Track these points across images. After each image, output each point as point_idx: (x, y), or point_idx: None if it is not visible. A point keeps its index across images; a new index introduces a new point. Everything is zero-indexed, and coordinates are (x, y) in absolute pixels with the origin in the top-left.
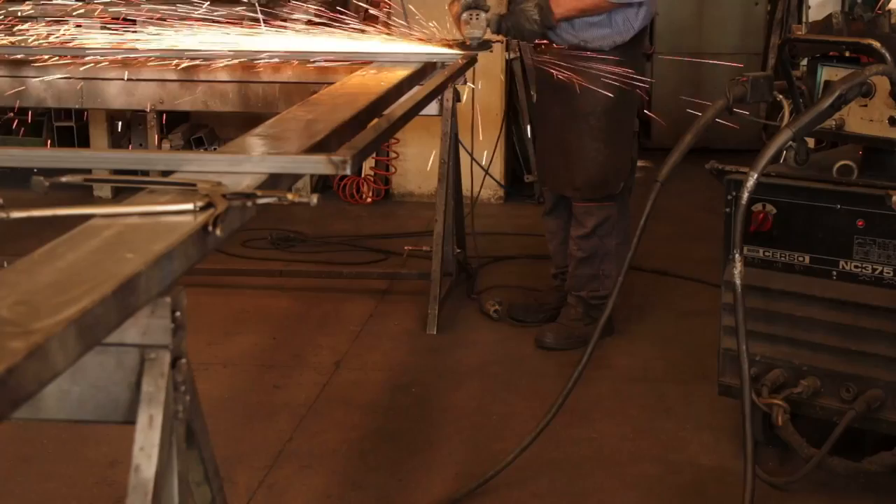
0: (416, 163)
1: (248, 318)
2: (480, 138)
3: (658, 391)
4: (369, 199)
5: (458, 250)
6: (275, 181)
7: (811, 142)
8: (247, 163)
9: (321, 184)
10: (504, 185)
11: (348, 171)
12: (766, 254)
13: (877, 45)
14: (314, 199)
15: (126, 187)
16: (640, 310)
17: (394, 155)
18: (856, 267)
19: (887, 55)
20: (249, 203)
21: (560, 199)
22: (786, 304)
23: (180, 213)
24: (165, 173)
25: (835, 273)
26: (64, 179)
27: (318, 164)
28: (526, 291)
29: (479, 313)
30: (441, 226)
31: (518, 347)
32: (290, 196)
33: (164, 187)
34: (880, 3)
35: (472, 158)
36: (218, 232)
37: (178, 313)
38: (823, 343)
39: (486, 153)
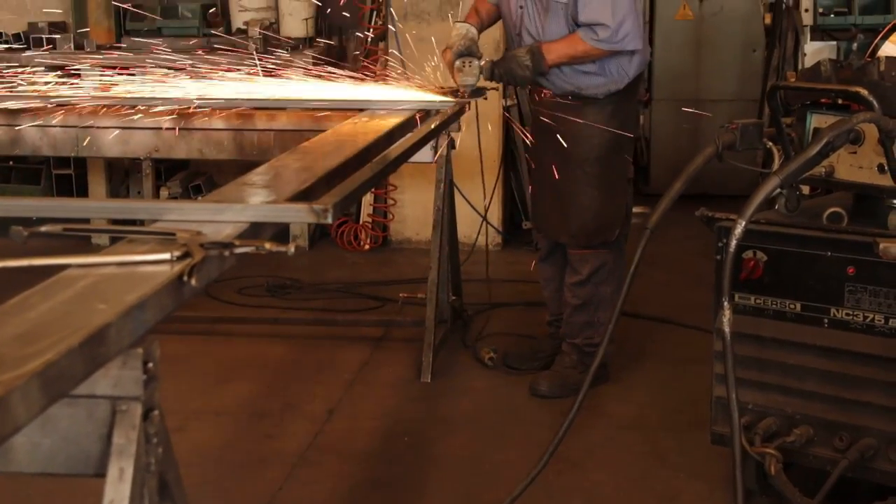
0: (414, 209)
1: (242, 365)
2: (483, 186)
3: (652, 439)
4: (367, 246)
5: (454, 297)
6: (257, 230)
7: (806, 188)
8: (228, 211)
9: (318, 231)
10: (502, 231)
11: (329, 220)
12: (758, 301)
13: (864, 92)
14: (291, 248)
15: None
16: (636, 357)
17: (391, 202)
18: (847, 314)
19: (875, 102)
20: (227, 252)
21: (555, 246)
22: (777, 352)
23: (157, 263)
24: (148, 222)
25: (826, 321)
26: (43, 229)
27: (300, 213)
28: (521, 339)
29: (475, 361)
30: (435, 273)
31: (512, 395)
32: (267, 245)
33: (143, 237)
34: (869, 50)
35: (471, 205)
36: (193, 282)
37: (150, 364)
38: (816, 391)
39: (484, 199)
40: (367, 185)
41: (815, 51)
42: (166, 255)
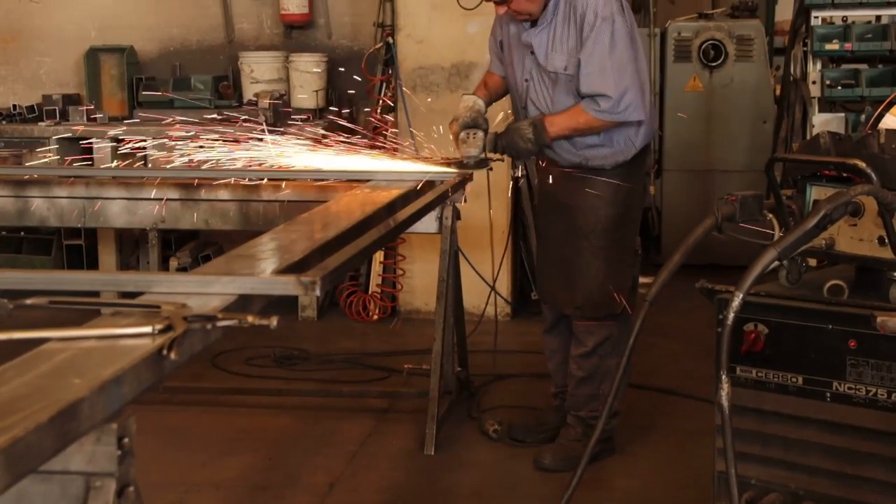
0: (423, 280)
1: (244, 437)
2: (492, 257)
3: None
4: (375, 317)
5: (459, 369)
6: (246, 302)
7: (814, 261)
8: (216, 284)
9: (328, 301)
10: (511, 302)
11: (318, 293)
12: (759, 374)
13: (862, 164)
14: (273, 321)
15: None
16: (643, 429)
17: (400, 272)
18: (849, 388)
19: (873, 175)
20: (209, 326)
21: (560, 317)
22: (780, 427)
23: (137, 337)
24: (135, 294)
25: (829, 394)
26: (29, 302)
27: (288, 285)
28: (526, 411)
29: (479, 433)
30: (440, 344)
31: (516, 468)
32: (250, 319)
33: (128, 309)
34: (870, 122)
35: (480, 276)
36: (173, 356)
37: (126, 439)
38: (819, 466)
39: (492, 269)
40: (360, 258)
41: (823, 122)
42: (148, 329)
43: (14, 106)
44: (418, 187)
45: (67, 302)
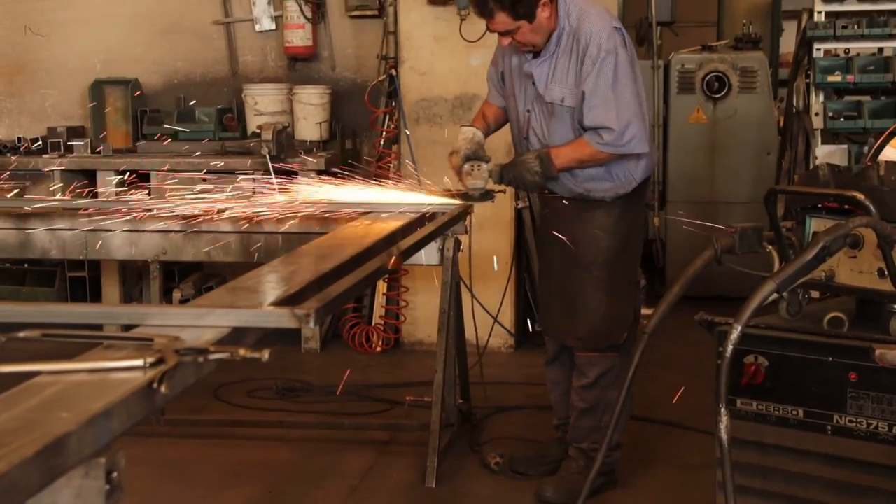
0: (426, 311)
1: (245, 470)
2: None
3: None
4: (379, 348)
5: (461, 401)
6: (239, 335)
7: (816, 293)
8: (209, 316)
9: (331, 332)
10: (515, 333)
11: (311, 325)
12: (760, 407)
13: (860, 196)
14: (265, 354)
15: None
16: (646, 462)
17: (404, 303)
18: (850, 421)
19: (871, 207)
20: (201, 359)
21: (563, 349)
22: (781, 460)
23: (128, 370)
24: (126, 327)
25: (829, 427)
26: (22, 335)
27: (282, 318)
28: (528, 443)
29: (481, 465)
30: (441, 376)
31: (518, 501)
32: (241, 352)
33: (121, 342)
34: (870, 154)
35: (483, 307)
36: (163, 389)
37: (114, 474)
38: (820, 500)
39: (495, 301)
40: (356, 289)
41: (826, 154)
42: (139, 362)
43: (18, 138)
44: (428, 215)
45: (60, 335)
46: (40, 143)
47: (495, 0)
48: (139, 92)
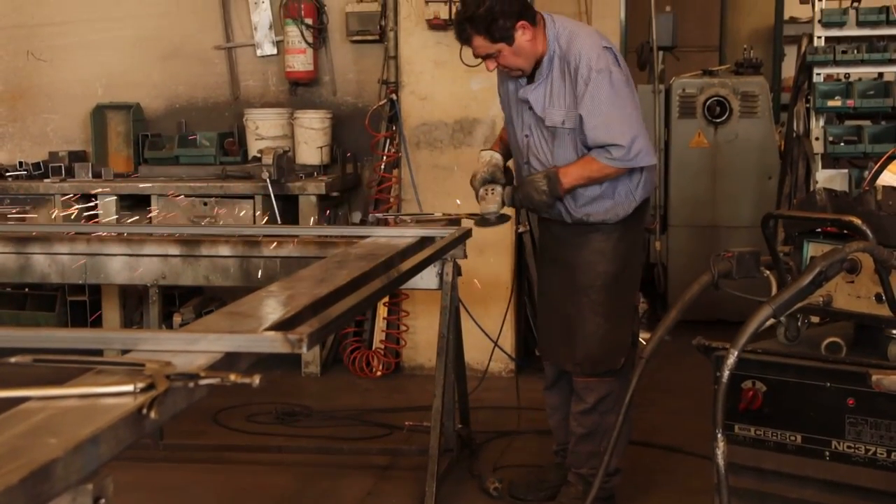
0: (427, 335)
1: (243, 496)
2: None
3: None
4: (379, 373)
5: (461, 426)
6: (232, 360)
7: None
8: (202, 341)
9: (331, 357)
10: (515, 357)
11: (304, 349)
12: (758, 432)
13: (857, 221)
14: (256, 380)
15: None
16: (645, 487)
17: (404, 328)
18: (848, 447)
19: (868, 232)
20: (192, 384)
21: (562, 374)
22: (779, 485)
23: (119, 395)
24: (123, 352)
25: (828, 453)
26: (13, 360)
27: (275, 343)
28: (527, 468)
29: (480, 491)
30: (440, 401)
31: None
32: (232, 377)
33: (112, 367)
34: (868, 179)
35: (483, 331)
36: (153, 415)
37: (102, 500)
38: None
39: (496, 325)
40: (352, 314)
41: (826, 178)
42: (129, 388)
43: (20, 163)
44: (423, 243)
45: (52, 360)
46: (42, 167)
47: (471, 25)
48: (141, 117)
